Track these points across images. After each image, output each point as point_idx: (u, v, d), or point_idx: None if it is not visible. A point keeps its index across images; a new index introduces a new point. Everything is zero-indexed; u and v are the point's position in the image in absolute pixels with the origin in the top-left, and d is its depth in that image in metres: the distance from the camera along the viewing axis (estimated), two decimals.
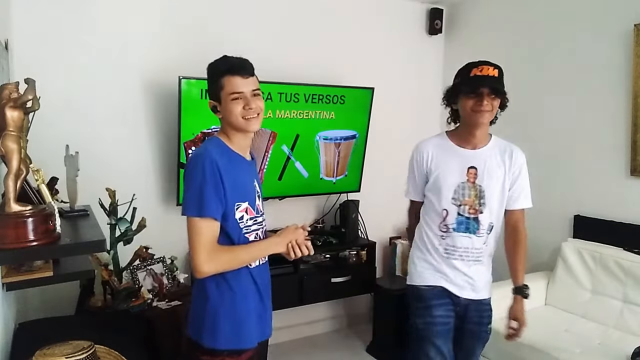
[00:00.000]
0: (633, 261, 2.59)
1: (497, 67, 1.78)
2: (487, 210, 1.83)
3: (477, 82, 1.75)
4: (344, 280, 3.23)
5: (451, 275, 1.86)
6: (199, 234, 1.37)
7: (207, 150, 1.41)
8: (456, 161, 1.84)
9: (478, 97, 1.75)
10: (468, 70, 1.79)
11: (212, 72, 1.47)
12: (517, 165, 1.88)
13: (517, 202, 1.92)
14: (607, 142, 2.85)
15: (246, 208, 1.46)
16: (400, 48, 3.72)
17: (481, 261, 1.87)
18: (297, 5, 3.25)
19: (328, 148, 3.29)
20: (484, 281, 1.91)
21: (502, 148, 1.89)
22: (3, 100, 1.15)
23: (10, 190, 1.17)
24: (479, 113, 1.75)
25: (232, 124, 1.44)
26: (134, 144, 2.82)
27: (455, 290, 1.86)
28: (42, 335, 1.51)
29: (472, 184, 1.82)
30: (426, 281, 1.89)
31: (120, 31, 2.71)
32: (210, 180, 1.35)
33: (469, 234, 1.83)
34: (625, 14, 2.72)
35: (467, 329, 1.92)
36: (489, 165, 1.83)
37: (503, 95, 1.79)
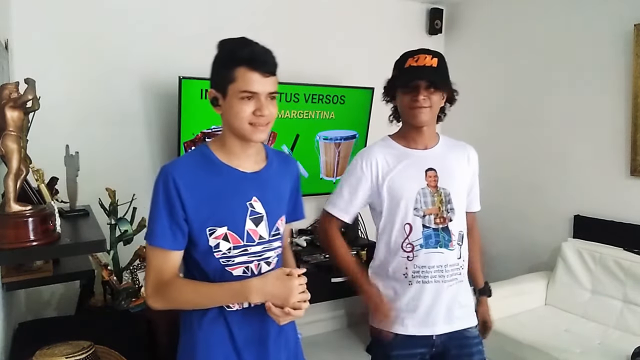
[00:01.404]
0: (633, 261, 2.59)
1: (438, 55, 1.53)
2: (456, 216, 1.54)
3: (412, 75, 1.50)
4: (344, 280, 3.22)
5: (418, 308, 1.52)
6: (149, 263, 1.17)
7: (174, 162, 1.18)
8: (411, 164, 1.55)
9: (414, 91, 1.49)
10: (404, 60, 1.55)
11: (224, 55, 1.15)
12: (473, 164, 1.64)
13: (473, 205, 1.69)
14: (607, 142, 2.85)
15: (225, 234, 1.16)
16: (400, 48, 3.65)
17: (458, 280, 1.55)
18: (297, 5, 3.25)
19: (328, 148, 3.29)
20: (463, 306, 1.58)
21: (455, 145, 1.64)
22: (3, 100, 1.15)
23: (10, 190, 1.17)
24: (416, 110, 1.50)
25: (233, 127, 1.15)
26: (134, 144, 2.82)
27: (426, 330, 1.53)
28: (42, 335, 1.51)
29: (434, 189, 1.53)
30: (385, 325, 1.56)
31: (120, 31, 2.71)
32: (162, 201, 1.12)
33: (441, 249, 1.50)
34: (625, 14, 2.72)
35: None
36: (447, 165, 1.56)
37: (446, 89, 1.54)
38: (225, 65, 1.14)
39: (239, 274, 1.18)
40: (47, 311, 2.45)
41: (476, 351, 1.59)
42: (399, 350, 1.55)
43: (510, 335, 2.54)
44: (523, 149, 3.33)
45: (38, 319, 2.07)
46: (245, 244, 1.18)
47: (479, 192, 1.71)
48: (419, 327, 1.54)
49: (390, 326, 1.55)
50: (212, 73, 1.18)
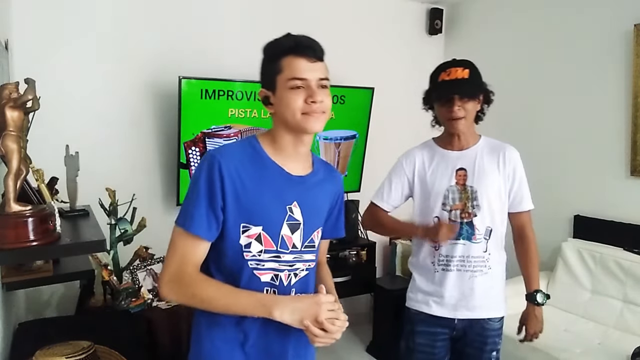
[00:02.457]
0: (633, 261, 2.59)
1: (469, 65, 1.64)
2: (482, 213, 1.67)
3: (446, 88, 1.63)
4: (344, 280, 3.23)
5: (443, 293, 1.68)
6: (174, 248, 1.09)
7: (223, 148, 1.13)
8: (443, 164, 1.71)
9: (448, 103, 1.63)
10: (437, 74, 1.67)
11: (269, 50, 1.13)
12: (511, 164, 1.72)
13: (521, 204, 1.76)
14: (607, 142, 2.85)
15: (258, 234, 1.09)
16: (400, 48, 3.72)
17: (484, 272, 1.68)
18: (297, 6, 3.25)
19: (328, 148, 3.29)
20: (486, 297, 1.69)
21: (493, 147, 1.74)
22: (3, 100, 1.15)
23: (10, 190, 1.17)
24: (453, 121, 1.64)
25: (287, 120, 1.08)
26: (134, 143, 2.82)
27: (447, 313, 1.69)
28: (42, 335, 1.51)
29: (461, 187, 1.68)
30: (414, 304, 1.76)
31: (120, 31, 2.71)
32: (205, 187, 1.06)
33: (464, 241, 1.66)
34: (625, 14, 2.72)
35: (467, 353, 1.74)
36: (479, 165, 1.69)
37: (480, 94, 1.66)
38: (270, 59, 1.11)
39: (267, 281, 1.11)
40: (47, 311, 2.45)
41: (491, 342, 1.72)
42: (423, 327, 1.74)
43: (510, 335, 2.54)
44: (523, 148, 3.30)
45: (38, 319, 2.07)
46: (279, 250, 1.11)
47: (526, 191, 1.77)
48: (442, 309, 1.70)
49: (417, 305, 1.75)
50: (261, 73, 1.15)
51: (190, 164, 2.80)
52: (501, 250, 1.74)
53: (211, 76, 2.76)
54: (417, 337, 1.75)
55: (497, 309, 1.73)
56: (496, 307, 1.73)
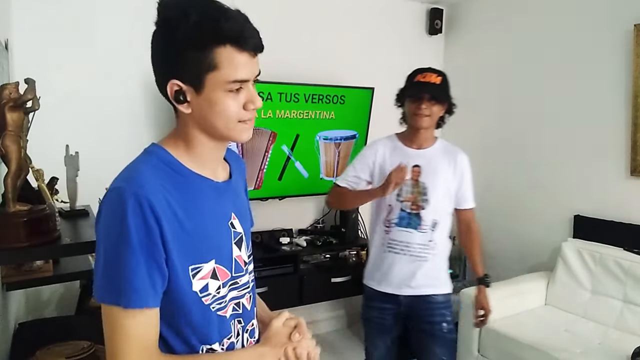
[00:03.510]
0: (633, 261, 2.58)
1: (442, 74, 1.89)
2: (429, 206, 1.90)
3: (419, 88, 1.87)
4: (344, 280, 3.22)
5: (389, 272, 1.94)
6: (127, 337, 0.77)
7: (136, 178, 0.82)
8: (401, 159, 1.90)
9: (418, 101, 1.86)
10: (414, 76, 1.92)
11: (194, 29, 0.78)
12: (460, 167, 1.96)
13: (465, 203, 2.01)
14: (607, 142, 2.85)
15: (212, 270, 0.86)
16: (400, 48, 3.72)
17: (427, 258, 1.92)
18: (297, 5, 3.25)
19: (328, 148, 3.29)
20: (428, 277, 1.93)
21: (446, 150, 1.98)
22: (3, 100, 1.15)
23: (10, 190, 1.17)
24: (418, 116, 1.87)
25: (215, 128, 0.85)
26: (134, 143, 2.78)
27: (393, 290, 1.94)
28: (42, 335, 1.50)
29: (415, 182, 1.91)
30: (368, 282, 2.03)
31: (121, 31, 2.71)
32: (137, 239, 0.76)
33: (410, 229, 1.91)
34: (625, 14, 2.72)
35: (422, 329, 1.98)
36: (433, 164, 1.93)
37: (445, 102, 1.90)
38: (198, 45, 0.79)
39: (231, 314, 0.92)
40: (47, 311, 2.45)
41: (438, 314, 1.96)
42: (374, 303, 2.02)
43: (510, 335, 2.55)
44: (523, 148, 3.33)
45: (38, 319, 2.06)
46: (234, 276, 0.91)
47: (470, 192, 2.01)
48: (388, 287, 1.96)
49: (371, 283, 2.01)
50: (170, 55, 0.82)
51: None
52: (445, 240, 1.99)
53: None
54: (370, 310, 2.04)
55: (440, 286, 1.97)
56: (439, 285, 1.97)
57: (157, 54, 0.86)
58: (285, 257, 3.07)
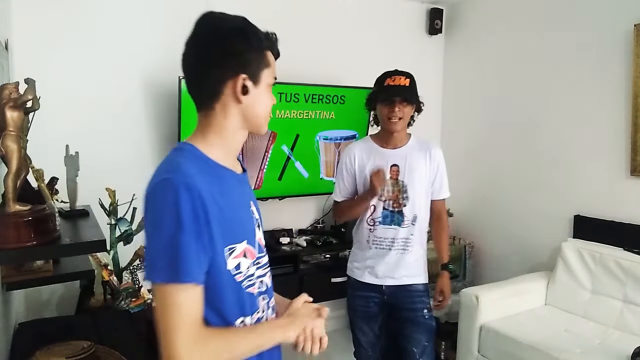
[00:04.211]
0: (633, 261, 2.58)
1: (409, 76, 1.99)
2: (410, 203, 2.01)
3: (389, 92, 1.94)
4: (344, 280, 3.22)
5: (374, 265, 2.05)
6: (179, 311, 0.84)
7: (184, 170, 0.90)
8: (379, 160, 2.01)
9: (390, 105, 1.95)
10: (383, 79, 2.00)
11: (255, 34, 0.97)
12: (435, 160, 2.06)
13: (440, 194, 2.12)
14: (607, 142, 2.85)
15: (244, 250, 0.97)
16: (400, 48, 3.72)
17: (409, 250, 2.04)
18: (297, 5, 3.25)
19: (328, 148, 3.29)
20: (409, 268, 2.05)
21: (421, 146, 2.06)
22: (3, 100, 1.15)
23: (10, 191, 1.17)
24: (392, 120, 1.95)
25: (256, 120, 1.00)
26: (134, 143, 2.82)
27: (377, 281, 2.06)
28: (42, 335, 1.51)
29: (394, 181, 2.01)
30: (354, 274, 2.14)
31: (121, 31, 2.71)
32: (190, 223, 0.85)
33: (395, 226, 2.02)
34: (625, 14, 2.72)
35: (404, 317, 2.09)
36: (409, 162, 2.01)
37: (415, 102, 1.99)
38: (257, 47, 0.96)
39: (258, 291, 1.01)
40: (47, 311, 2.45)
41: (419, 301, 2.07)
42: (359, 292, 2.13)
43: (510, 335, 2.54)
44: (523, 148, 3.33)
45: (38, 319, 2.06)
46: (258, 256, 1.01)
47: (445, 182, 2.12)
48: (372, 278, 2.08)
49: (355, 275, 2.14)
50: (237, 55, 0.95)
51: None
52: (424, 230, 2.10)
53: None
54: (355, 299, 2.15)
55: (418, 276, 2.09)
56: (417, 275, 2.08)
57: (219, 55, 0.97)
58: (285, 257, 3.07)
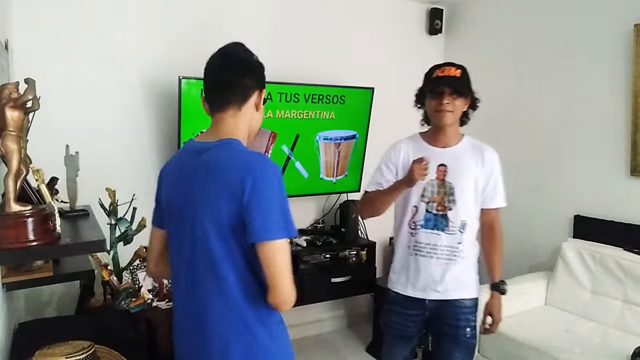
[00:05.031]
0: (633, 261, 2.58)
1: (461, 67, 1.81)
2: (457, 207, 1.81)
3: (438, 83, 1.78)
4: (344, 280, 3.23)
5: (415, 276, 1.85)
6: (288, 256, 1.12)
7: (270, 158, 1.28)
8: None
9: (439, 97, 1.78)
10: (432, 72, 1.83)
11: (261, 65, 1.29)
12: (489, 164, 1.86)
13: (493, 202, 1.89)
14: (607, 142, 2.85)
15: None
16: (400, 48, 3.72)
17: (457, 261, 1.82)
18: (297, 5, 3.25)
19: (328, 148, 3.29)
20: (456, 281, 1.84)
21: (474, 147, 1.88)
22: (3, 100, 1.15)
23: (10, 190, 1.17)
24: (440, 113, 1.78)
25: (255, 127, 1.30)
26: (134, 144, 2.82)
27: (418, 294, 1.85)
28: (42, 335, 1.50)
29: (441, 182, 1.83)
30: (392, 286, 1.94)
31: (121, 31, 2.71)
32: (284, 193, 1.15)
33: (437, 231, 1.82)
34: (625, 14, 2.72)
35: (444, 331, 1.88)
36: (459, 163, 1.83)
37: (468, 95, 1.81)
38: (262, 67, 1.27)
39: None
40: (47, 311, 2.45)
41: (463, 319, 1.85)
42: (397, 307, 1.92)
43: (510, 335, 2.54)
44: (523, 148, 3.33)
45: (38, 319, 2.06)
46: None
47: (501, 190, 1.89)
48: (413, 291, 1.86)
49: (394, 287, 1.93)
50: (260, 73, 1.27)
51: None
52: (474, 241, 1.89)
53: None
54: (391, 315, 1.94)
55: (469, 291, 1.86)
56: (467, 290, 1.86)
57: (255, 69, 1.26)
58: None
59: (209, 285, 1.16)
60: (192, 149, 1.24)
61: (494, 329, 1.96)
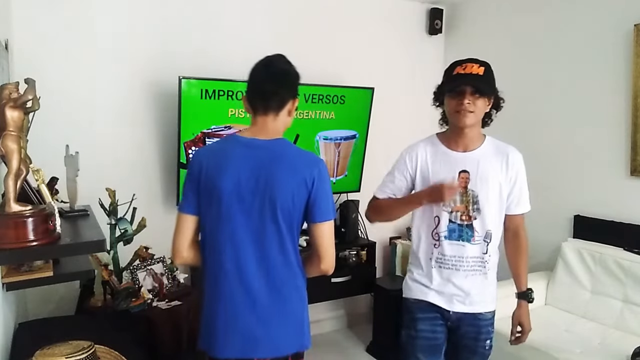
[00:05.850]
0: (633, 261, 2.58)
1: (485, 64, 1.66)
2: (483, 216, 1.69)
3: (459, 81, 1.63)
4: (344, 280, 3.23)
5: (440, 287, 1.73)
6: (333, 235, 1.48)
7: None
8: (447, 165, 1.70)
9: (459, 96, 1.62)
10: (452, 68, 1.68)
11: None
12: (514, 168, 1.73)
13: (518, 207, 1.79)
14: (607, 142, 2.85)
15: None
16: (400, 48, 3.72)
17: (482, 272, 1.73)
18: (297, 6, 3.25)
19: (328, 148, 3.29)
20: (482, 294, 1.75)
21: (497, 150, 1.74)
22: (3, 100, 1.15)
23: (10, 190, 1.17)
24: (460, 113, 1.62)
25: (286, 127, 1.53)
26: (134, 144, 2.82)
27: (444, 304, 1.74)
28: (42, 335, 1.51)
29: (463, 190, 1.68)
30: (413, 294, 1.80)
31: (121, 31, 2.71)
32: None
33: (463, 242, 1.70)
34: (625, 14, 2.72)
35: (463, 344, 1.79)
36: (482, 169, 1.68)
37: (491, 95, 1.67)
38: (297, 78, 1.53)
39: None
40: (47, 311, 2.45)
41: (484, 332, 1.78)
42: (423, 314, 1.77)
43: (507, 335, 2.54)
44: (523, 148, 3.30)
45: (38, 319, 2.06)
46: None
47: (526, 194, 1.80)
48: (439, 299, 1.74)
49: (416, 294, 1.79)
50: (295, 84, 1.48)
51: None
52: (497, 251, 1.79)
53: (211, 76, 2.76)
54: (418, 323, 1.77)
55: (491, 302, 1.80)
56: (489, 303, 1.79)
57: (291, 86, 1.48)
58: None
59: (277, 255, 1.41)
60: (244, 143, 1.42)
61: (524, 339, 1.88)
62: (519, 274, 1.87)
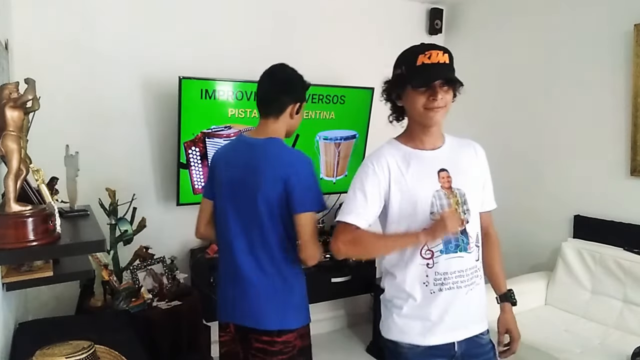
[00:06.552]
0: (633, 261, 2.58)
1: (447, 50, 1.42)
2: (472, 217, 1.45)
3: (429, 73, 1.38)
4: (344, 280, 3.22)
5: (442, 316, 1.42)
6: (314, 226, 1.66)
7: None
8: (422, 167, 1.44)
9: (431, 91, 1.37)
10: (413, 57, 1.44)
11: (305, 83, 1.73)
12: (482, 158, 1.54)
13: (487, 204, 1.58)
14: (607, 142, 2.85)
15: None
16: (401, 48, 3.67)
17: (477, 282, 1.47)
18: (297, 6, 3.25)
19: (328, 148, 3.29)
20: (478, 310, 1.49)
21: (461, 141, 1.55)
22: (3, 100, 1.15)
23: (10, 190, 1.17)
24: (432, 110, 1.38)
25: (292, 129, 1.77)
26: (134, 144, 2.82)
27: (448, 338, 1.44)
28: (42, 335, 1.51)
29: (448, 190, 1.43)
30: (407, 338, 1.46)
31: (120, 31, 2.71)
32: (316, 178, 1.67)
33: (461, 253, 1.41)
34: (625, 14, 2.72)
35: None
36: (459, 164, 1.47)
37: (457, 85, 1.42)
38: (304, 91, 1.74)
39: None
40: (47, 311, 2.45)
41: (488, 350, 1.52)
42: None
43: None
44: (523, 148, 3.33)
45: (38, 319, 2.06)
46: None
47: (492, 188, 1.60)
48: (440, 336, 1.43)
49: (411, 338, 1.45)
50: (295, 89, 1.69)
51: (190, 164, 2.80)
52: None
53: (211, 76, 2.76)
54: None
55: (484, 320, 1.53)
56: (484, 319, 1.53)
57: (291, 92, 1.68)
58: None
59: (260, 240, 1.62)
60: (247, 142, 1.67)
61: (515, 348, 1.60)
62: (497, 275, 1.63)
